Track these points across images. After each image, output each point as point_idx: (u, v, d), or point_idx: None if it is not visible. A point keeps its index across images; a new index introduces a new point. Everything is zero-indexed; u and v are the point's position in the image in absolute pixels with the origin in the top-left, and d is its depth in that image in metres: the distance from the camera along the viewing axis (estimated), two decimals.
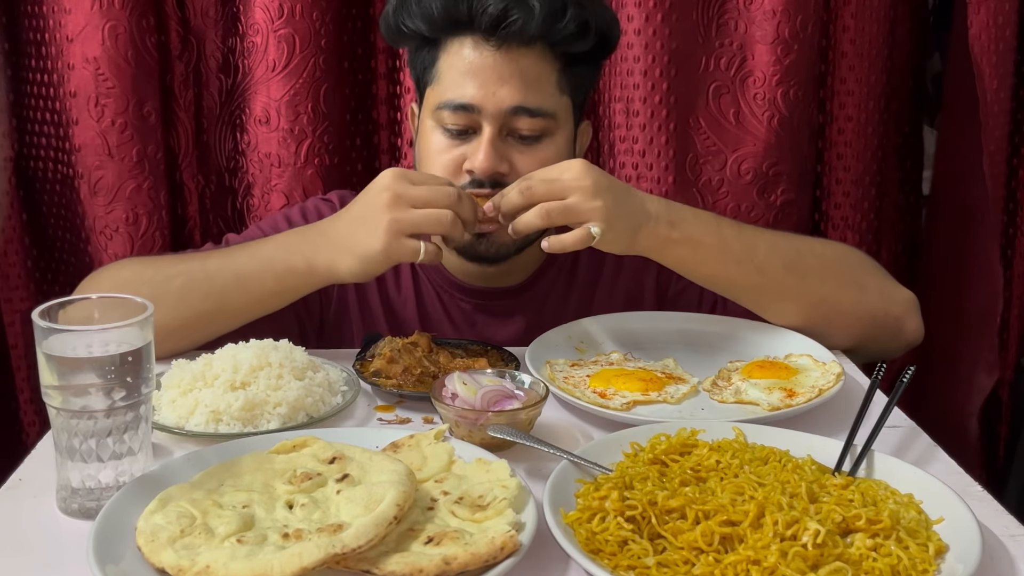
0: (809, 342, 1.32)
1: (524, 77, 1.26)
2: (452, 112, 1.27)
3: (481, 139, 1.26)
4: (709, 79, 1.74)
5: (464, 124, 1.27)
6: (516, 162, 1.28)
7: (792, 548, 0.79)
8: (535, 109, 1.26)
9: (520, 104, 1.25)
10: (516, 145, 1.28)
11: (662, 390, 1.18)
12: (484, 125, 1.26)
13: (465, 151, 1.28)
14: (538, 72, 1.27)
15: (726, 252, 1.25)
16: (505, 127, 1.27)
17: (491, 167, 1.26)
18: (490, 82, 1.25)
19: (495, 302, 1.43)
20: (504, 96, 1.25)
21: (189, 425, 1.07)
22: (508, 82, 1.25)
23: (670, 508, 0.86)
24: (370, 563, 0.78)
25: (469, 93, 1.26)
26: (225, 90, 1.76)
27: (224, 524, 0.81)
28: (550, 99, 1.28)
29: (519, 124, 1.27)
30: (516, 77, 1.25)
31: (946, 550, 0.83)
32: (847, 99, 1.81)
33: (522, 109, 1.26)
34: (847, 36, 1.78)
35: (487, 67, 1.25)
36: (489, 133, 1.26)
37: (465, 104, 1.26)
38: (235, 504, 0.85)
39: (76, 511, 0.91)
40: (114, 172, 1.70)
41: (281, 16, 1.66)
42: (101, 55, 1.65)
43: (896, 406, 1.06)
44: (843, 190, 1.86)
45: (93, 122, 1.68)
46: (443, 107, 1.27)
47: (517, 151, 1.28)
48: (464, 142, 1.28)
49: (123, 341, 0.89)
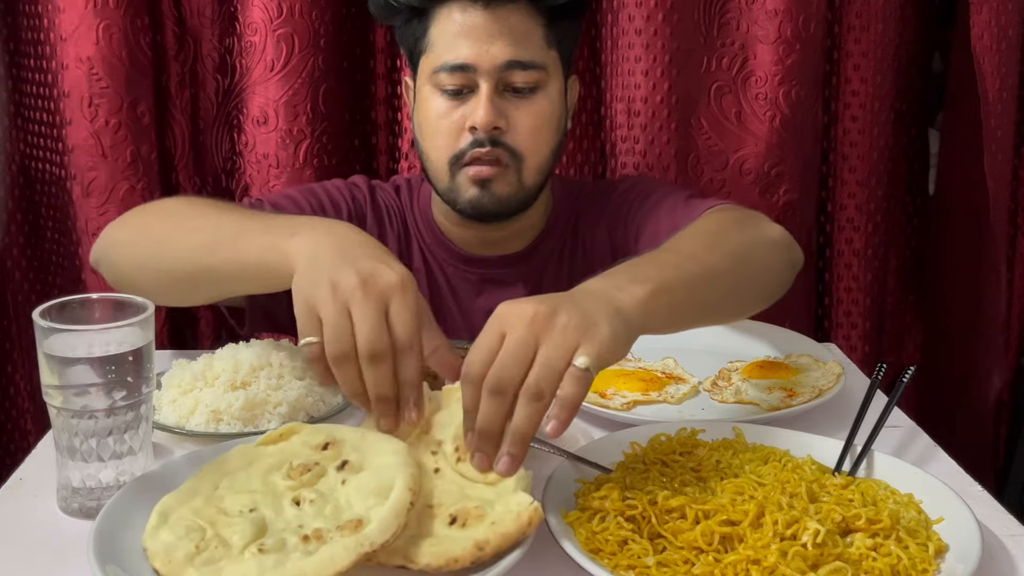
0: (809, 342, 1.32)
1: (513, 33, 1.31)
2: (449, 73, 1.32)
3: (479, 96, 1.31)
4: (711, 79, 1.73)
5: (461, 84, 1.32)
6: (513, 116, 1.33)
7: (792, 548, 0.79)
8: (527, 62, 1.32)
9: (513, 58, 1.31)
10: (512, 100, 1.33)
11: (662, 390, 1.18)
12: (480, 83, 1.31)
13: (465, 111, 1.33)
14: (526, 27, 1.33)
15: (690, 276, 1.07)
16: (501, 82, 1.32)
17: (491, 121, 1.30)
18: (482, 40, 1.31)
19: (501, 270, 1.46)
20: (497, 52, 1.30)
21: (190, 425, 1.07)
22: (499, 39, 1.31)
23: (670, 508, 0.86)
24: (403, 557, 0.77)
25: (464, 53, 1.31)
26: (222, 90, 1.75)
27: (238, 533, 0.80)
28: (540, 52, 1.34)
29: (514, 78, 1.32)
30: (506, 34, 1.31)
31: (946, 550, 0.83)
32: (852, 99, 1.81)
33: (515, 63, 1.31)
34: (852, 36, 1.78)
35: (478, 27, 1.31)
36: (486, 89, 1.31)
37: (461, 64, 1.31)
38: (241, 508, 0.83)
39: (76, 511, 0.91)
40: (107, 173, 1.68)
41: (280, 15, 1.65)
42: (95, 55, 1.64)
43: (896, 406, 1.06)
44: (848, 191, 1.85)
45: (86, 122, 1.66)
46: (440, 70, 1.32)
47: (513, 106, 1.33)
48: (463, 103, 1.33)
49: (123, 341, 0.89)
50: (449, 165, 1.34)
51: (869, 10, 1.75)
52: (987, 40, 1.68)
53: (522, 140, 1.33)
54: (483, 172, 1.32)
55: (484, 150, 1.31)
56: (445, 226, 1.46)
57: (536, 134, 1.34)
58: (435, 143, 1.35)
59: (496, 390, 0.84)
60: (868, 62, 1.78)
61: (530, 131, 1.33)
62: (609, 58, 1.75)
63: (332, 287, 0.91)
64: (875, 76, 1.78)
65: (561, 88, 1.39)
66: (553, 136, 1.38)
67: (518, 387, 0.85)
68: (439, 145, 1.34)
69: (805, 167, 1.80)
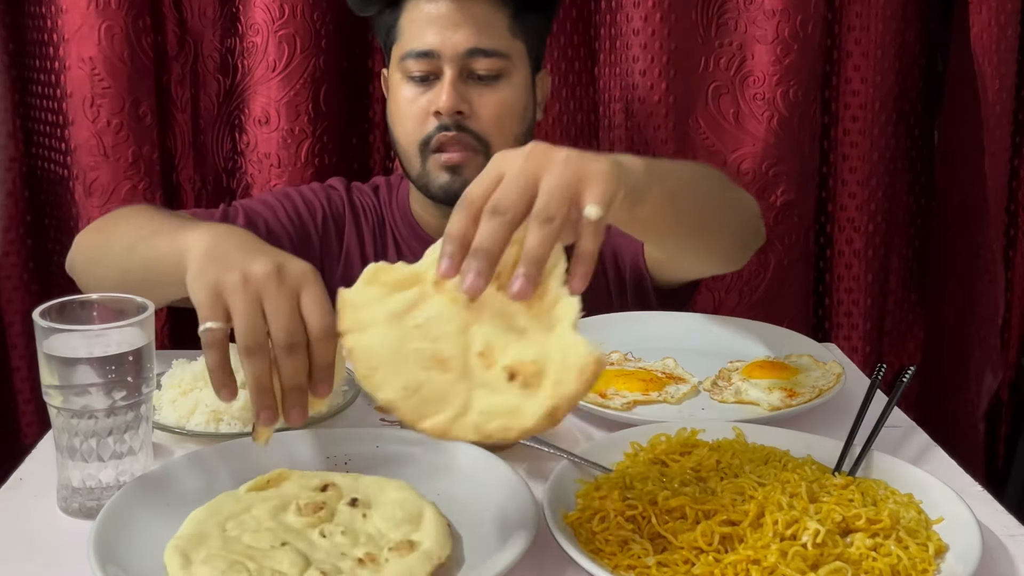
0: (809, 342, 1.32)
1: (477, 21, 1.38)
2: (415, 60, 1.38)
3: (443, 81, 1.37)
4: (708, 79, 1.74)
5: (427, 70, 1.38)
6: (476, 103, 1.38)
7: (792, 548, 0.79)
8: (490, 50, 1.38)
9: (475, 46, 1.37)
10: (476, 87, 1.39)
11: (662, 390, 1.18)
12: (445, 68, 1.37)
13: (430, 97, 1.38)
14: (489, 17, 1.38)
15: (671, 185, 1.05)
16: (464, 69, 1.38)
17: (453, 105, 1.36)
18: (447, 28, 1.37)
19: None
20: (459, 40, 1.36)
21: (190, 425, 1.07)
22: (463, 27, 1.37)
23: (670, 508, 0.86)
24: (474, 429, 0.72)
25: (429, 40, 1.37)
26: (223, 91, 1.75)
27: (287, 562, 0.78)
28: (503, 41, 1.39)
29: (476, 65, 1.38)
30: (470, 22, 1.37)
31: (946, 550, 0.83)
32: (852, 100, 1.81)
33: (477, 51, 1.37)
34: (852, 36, 1.77)
35: (443, 15, 1.37)
36: (450, 75, 1.37)
37: (426, 51, 1.37)
38: (272, 544, 0.81)
39: (77, 511, 0.91)
40: (109, 173, 1.69)
41: (282, 16, 1.66)
42: (97, 55, 1.64)
43: (896, 406, 1.06)
44: (848, 191, 1.85)
45: (88, 122, 1.67)
46: (407, 57, 1.39)
47: (476, 92, 1.38)
48: (428, 88, 1.39)
49: (124, 341, 0.89)
50: (419, 150, 1.39)
51: (869, 10, 1.75)
52: (987, 40, 1.68)
53: (486, 126, 1.38)
54: (453, 158, 1.38)
55: (450, 134, 1.37)
56: (424, 219, 1.49)
57: (500, 121, 1.39)
58: (404, 128, 1.41)
59: (498, 211, 0.80)
60: (868, 62, 1.78)
61: (493, 118, 1.38)
62: (607, 58, 1.76)
63: (243, 276, 0.87)
64: (875, 76, 1.78)
65: (527, 78, 1.44)
66: (518, 124, 1.42)
67: (519, 211, 0.81)
68: (408, 130, 1.40)
69: (803, 167, 1.80)
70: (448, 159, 1.38)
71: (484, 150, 1.38)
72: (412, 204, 1.51)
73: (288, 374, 0.86)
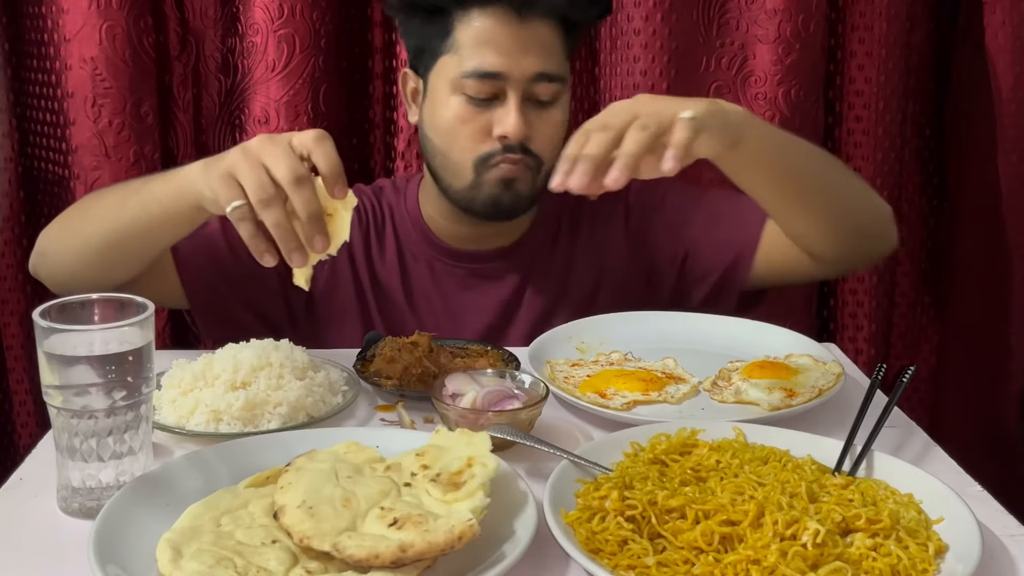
0: (809, 342, 1.32)
1: (543, 45, 1.34)
2: (478, 80, 1.33)
3: (509, 106, 1.33)
4: (710, 79, 1.73)
5: (489, 92, 1.33)
6: (536, 126, 1.36)
7: (792, 548, 0.79)
8: (553, 75, 1.35)
9: (542, 71, 1.33)
10: (534, 110, 1.36)
11: (662, 390, 1.18)
12: (509, 92, 1.33)
13: (489, 119, 1.34)
14: (551, 39, 1.35)
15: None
16: (526, 93, 1.34)
17: (524, 132, 1.33)
18: (514, 51, 1.32)
19: (489, 264, 1.48)
20: (528, 64, 1.32)
21: (190, 425, 1.07)
22: (530, 51, 1.33)
23: (670, 508, 0.86)
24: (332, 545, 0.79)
25: (495, 62, 1.32)
26: (224, 90, 1.75)
27: (274, 560, 0.79)
28: (562, 65, 1.38)
29: (539, 90, 1.34)
30: (537, 45, 1.34)
31: (946, 550, 0.83)
32: (856, 99, 1.80)
33: (543, 75, 1.34)
34: (855, 35, 1.77)
35: (510, 36, 1.32)
36: (515, 100, 1.33)
37: (492, 72, 1.32)
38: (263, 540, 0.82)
39: (76, 511, 0.91)
40: (111, 173, 1.69)
41: (281, 16, 1.66)
42: (98, 55, 1.64)
43: (896, 406, 1.06)
44: None
45: (90, 123, 1.67)
46: (467, 76, 1.33)
47: (536, 115, 1.36)
48: (486, 108, 1.34)
49: (123, 340, 0.89)
50: (474, 166, 1.36)
51: (873, 9, 1.74)
52: (1001, 40, 1.67)
53: (543, 148, 1.36)
54: (512, 171, 1.35)
55: (515, 157, 1.34)
56: (435, 222, 1.48)
57: (555, 142, 1.37)
58: (457, 144, 1.36)
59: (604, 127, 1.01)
60: (872, 62, 1.77)
61: (550, 139, 1.37)
62: (608, 58, 1.75)
63: (242, 150, 1.03)
64: (879, 76, 1.77)
65: (570, 95, 1.42)
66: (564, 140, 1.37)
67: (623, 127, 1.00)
68: (463, 147, 1.36)
69: None
70: (508, 171, 1.35)
71: (537, 167, 1.37)
72: (423, 207, 1.49)
73: (302, 204, 1.00)
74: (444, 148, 1.38)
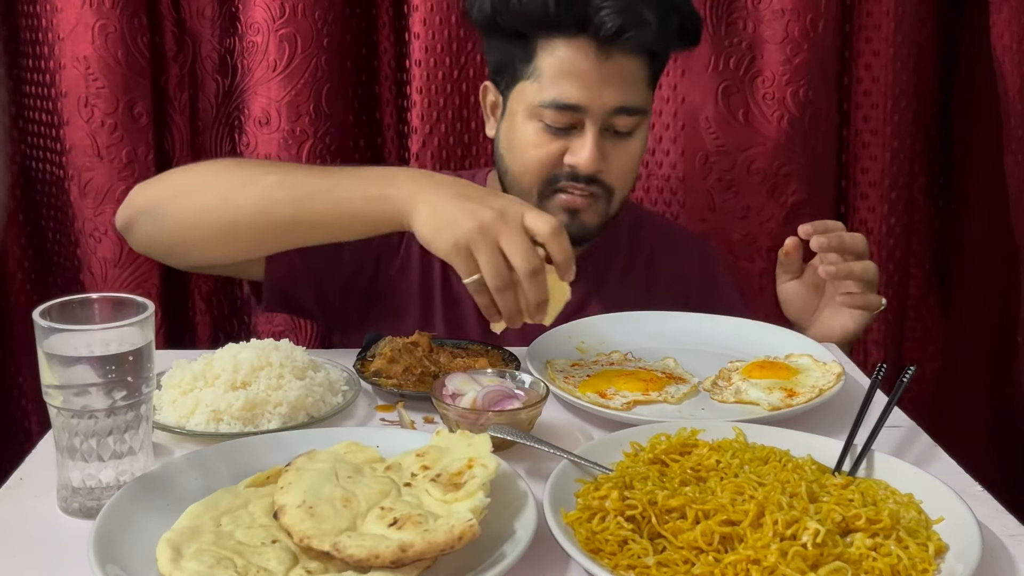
0: (809, 342, 1.32)
1: (625, 78, 1.32)
2: (556, 111, 1.32)
3: (585, 138, 1.32)
4: (718, 78, 1.73)
5: (567, 122, 1.32)
6: (611, 157, 1.35)
7: (792, 548, 0.79)
8: (633, 108, 1.34)
9: (622, 104, 1.32)
10: (611, 140, 1.35)
11: (662, 390, 1.18)
12: (587, 124, 1.32)
13: (564, 145, 1.34)
14: (635, 72, 1.33)
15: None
16: (604, 124, 1.33)
17: (596, 166, 1.32)
18: (595, 84, 1.30)
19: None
20: (608, 98, 1.31)
21: (190, 425, 1.07)
22: (612, 84, 1.31)
23: (670, 508, 0.86)
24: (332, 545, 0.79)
25: (575, 94, 1.31)
26: (222, 91, 1.75)
27: (274, 560, 0.79)
28: (644, 96, 1.36)
29: (618, 122, 1.34)
30: (618, 79, 1.31)
31: (946, 550, 0.83)
32: (863, 100, 1.80)
33: (623, 109, 1.32)
34: (862, 35, 1.77)
35: (593, 69, 1.30)
36: (593, 132, 1.32)
37: (571, 105, 1.31)
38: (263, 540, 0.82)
39: (77, 510, 0.91)
40: (103, 174, 1.68)
41: (283, 15, 1.65)
42: (91, 54, 1.64)
43: (896, 406, 1.06)
44: (859, 192, 1.84)
45: (83, 123, 1.66)
46: (546, 105, 1.32)
47: (612, 145, 1.35)
48: (562, 136, 1.34)
49: (124, 340, 0.89)
50: (539, 189, 1.36)
51: (880, 8, 1.74)
52: (1007, 39, 1.66)
53: (615, 178, 1.36)
54: (576, 202, 1.34)
55: (580, 187, 1.33)
56: None
57: (628, 172, 1.37)
58: (526, 166, 1.36)
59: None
60: (880, 61, 1.76)
61: (624, 170, 1.36)
62: None
63: (480, 229, 1.07)
64: (887, 76, 1.76)
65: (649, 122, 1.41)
66: (638, 169, 1.41)
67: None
68: (531, 169, 1.36)
69: (816, 167, 1.78)
70: (571, 201, 1.35)
71: (606, 196, 1.36)
72: None
73: (534, 293, 1.08)
74: (515, 170, 1.38)
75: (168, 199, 1.28)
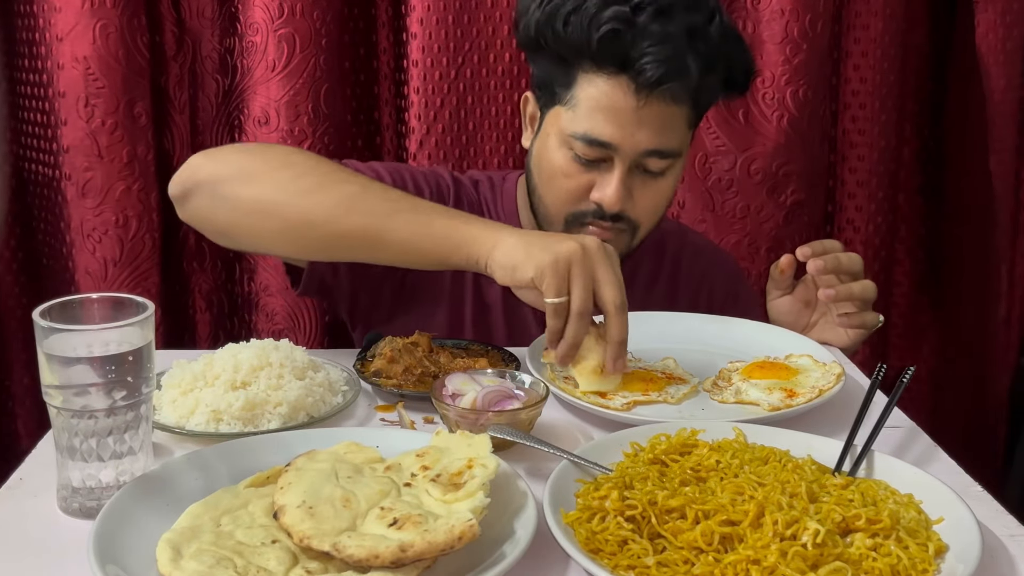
0: (809, 343, 1.32)
1: (662, 121, 1.28)
2: (586, 145, 1.29)
3: (612, 176, 1.29)
4: None
5: (597, 156, 1.29)
6: (638, 195, 1.32)
7: (792, 548, 0.79)
8: (666, 151, 1.29)
9: (655, 148, 1.28)
10: (641, 177, 1.31)
11: (662, 390, 1.18)
12: (616, 162, 1.29)
13: (592, 179, 1.31)
14: (673, 115, 1.29)
15: None
16: (635, 163, 1.30)
17: (620, 206, 1.30)
18: (630, 124, 1.26)
19: None
20: (641, 139, 1.27)
21: (190, 425, 1.07)
22: (647, 126, 1.27)
23: (670, 508, 0.86)
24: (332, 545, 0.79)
25: (608, 132, 1.27)
26: (222, 91, 1.75)
27: (274, 560, 0.80)
28: (680, 139, 1.31)
29: (649, 163, 1.30)
30: (655, 122, 1.27)
31: (946, 550, 0.83)
32: (851, 99, 1.80)
33: (655, 152, 1.29)
34: (851, 35, 1.77)
35: (629, 111, 1.26)
36: (621, 172, 1.29)
37: (602, 141, 1.28)
38: (263, 540, 0.82)
39: (77, 510, 0.91)
40: (103, 174, 1.68)
41: (281, 15, 1.65)
42: (91, 54, 1.64)
43: (896, 406, 1.06)
44: (847, 191, 1.84)
45: (82, 123, 1.66)
46: (577, 137, 1.29)
47: (641, 183, 1.32)
48: (592, 169, 1.31)
49: (123, 341, 0.89)
50: (565, 218, 1.34)
51: (868, 9, 1.74)
52: (992, 39, 1.67)
53: (642, 214, 1.33)
54: (601, 235, 1.30)
55: (606, 224, 1.32)
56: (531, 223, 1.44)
57: (657, 210, 1.35)
58: (553, 195, 1.34)
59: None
60: (868, 61, 1.77)
61: (651, 207, 1.34)
62: None
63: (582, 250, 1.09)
64: (875, 76, 1.77)
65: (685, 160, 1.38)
66: (668, 205, 1.39)
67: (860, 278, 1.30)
68: (558, 199, 1.34)
69: (813, 167, 1.79)
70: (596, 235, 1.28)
71: (631, 231, 1.34)
72: (520, 212, 1.46)
73: (617, 330, 1.10)
74: (542, 192, 1.37)
75: (230, 180, 1.23)
